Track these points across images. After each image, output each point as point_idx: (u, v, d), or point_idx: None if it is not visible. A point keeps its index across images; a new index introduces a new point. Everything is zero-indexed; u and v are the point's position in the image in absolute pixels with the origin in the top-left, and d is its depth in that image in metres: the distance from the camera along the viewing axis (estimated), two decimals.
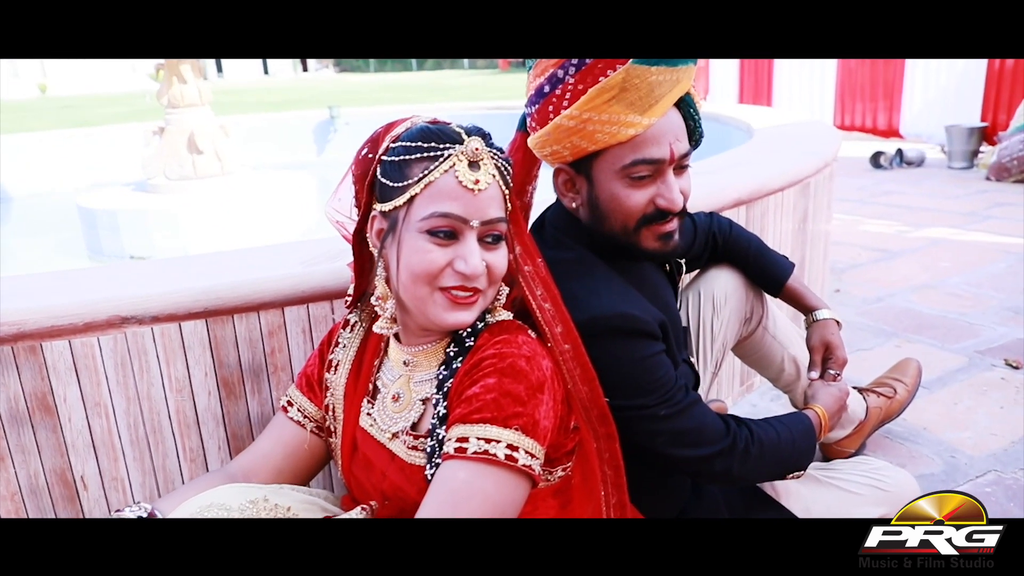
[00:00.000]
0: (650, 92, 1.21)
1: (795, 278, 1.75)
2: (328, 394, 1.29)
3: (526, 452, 1.04)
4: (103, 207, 3.84)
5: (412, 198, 1.08)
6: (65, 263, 4.15)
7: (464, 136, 1.10)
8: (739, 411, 2.34)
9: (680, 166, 1.28)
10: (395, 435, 1.18)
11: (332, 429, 1.29)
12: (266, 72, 55.23)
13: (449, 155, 1.07)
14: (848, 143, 8.06)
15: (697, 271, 1.83)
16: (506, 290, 1.22)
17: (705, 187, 2.09)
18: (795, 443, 1.42)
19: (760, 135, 3.25)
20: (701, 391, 1.77)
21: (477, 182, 1.07)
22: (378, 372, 1.25)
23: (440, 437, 1.09)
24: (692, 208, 1.88)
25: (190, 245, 3.71)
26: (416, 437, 1.15)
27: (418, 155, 1.08)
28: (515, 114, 1.43)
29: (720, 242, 1.75)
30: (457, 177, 1.06)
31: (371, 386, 1.24)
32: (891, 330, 2.94)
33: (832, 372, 1.64)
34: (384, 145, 1.13)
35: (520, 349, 1.10)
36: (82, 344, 1.41)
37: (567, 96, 1.24)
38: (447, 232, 1.07)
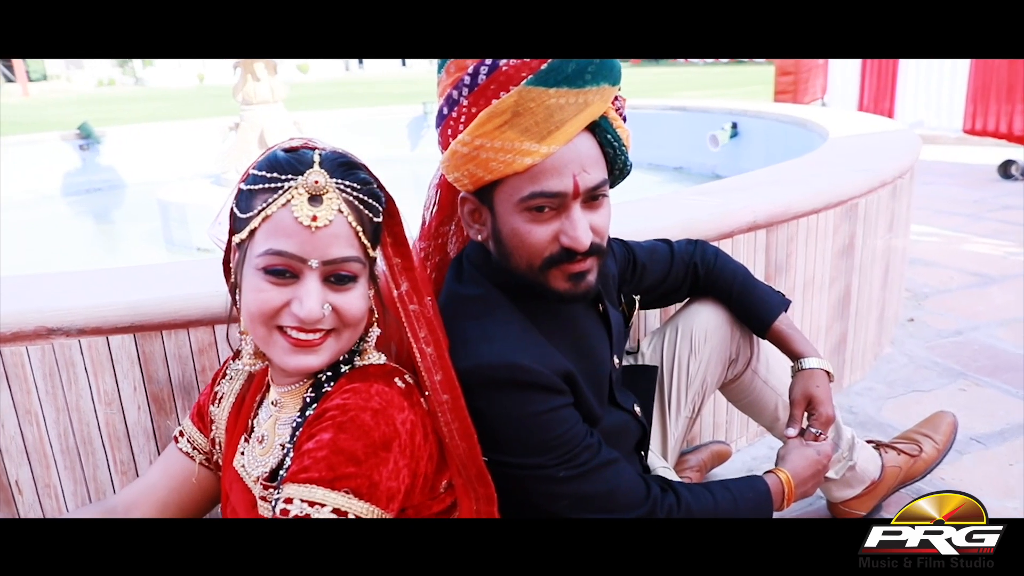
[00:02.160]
0: (548, 117, 1.08)
1: (784, 319, 1.55)
2: (213, 427, 1.23)
3: (356, 517, 0.95)
4: (175, 200, 4.00)
5: (252, 232, 1.01)
6: (145, 254, 4.35)
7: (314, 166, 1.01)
8: (756, 454, 2.14)
9: (591, 198, 1.14)
10: (257, 479, 1.11)
11: (220, 464, 1.24)
12: (403, 63, 56.68)
13: (288, 188, 0.98)
14: (977, 149, 7.40)
15: (683, 304, 1.67)
16: (376, 331, 1.12)
17: (712, 209, 1.91)
18: (738, 514, 1.25)
19: (828, 146, 2.98)
20: (672, 438, 1.62)
21: (315, 218, 0.98)
22: (257, 409, 1.19)
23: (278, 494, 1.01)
24: (684, 234, 1.72)
25: None
26: (267, 487, 1.08)
27: (261, 185, 1.00)
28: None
29: (702, 274, 1.58)
30: (293, 212, 0.98)
31: (249, 423, 1.18)
32: (960, 369, 2.61)
33: (814, 431, 1.44)
34: (246, 171, 1.06)
35: (369, 401, 1.00)
36: (11, 353, 1.42)
37: (462, 120, 1.13)
38: (282, 271, 0.99)
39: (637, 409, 1.42)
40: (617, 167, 1.18)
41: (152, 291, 1.46)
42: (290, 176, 0.99)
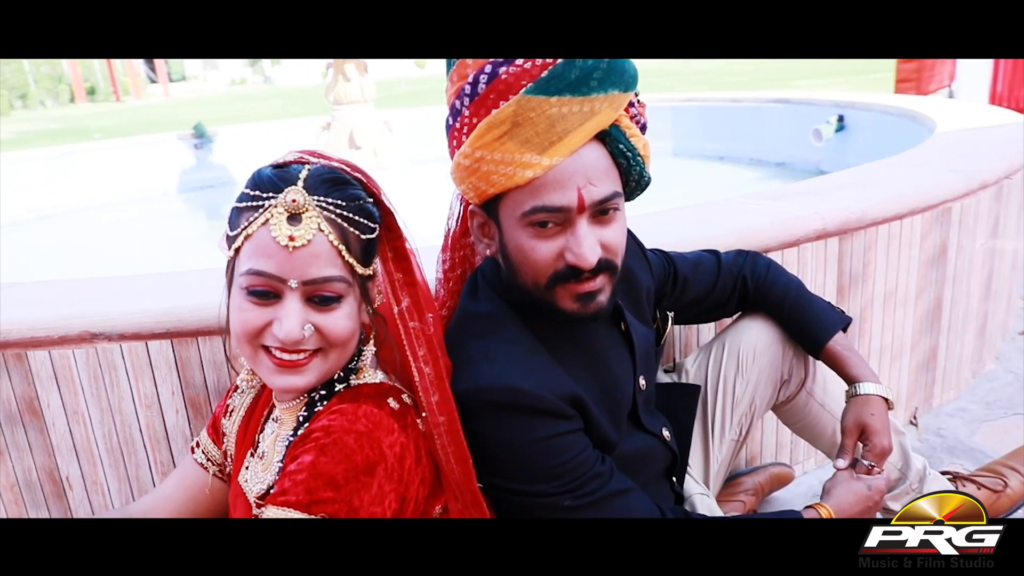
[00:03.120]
0: (550, 127, 1.02)
1: (841, 339, 1.42)
2: (225, 440, 1.24)
3: None
4: None
5: (237, 251, 1.00)
6: None
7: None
8: (824, 477, 1.99)
9: (600, 212, 1.07)
10: (256, 496, 1.11)
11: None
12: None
13: (268, 206, 0.97)
14: None
15: (732, 320, 1.57)
16: (371, 350, 1.10)
17: (774, 216, 1.79)
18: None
19: (926, 144, 2.75)
20: (715, 462, 1.53)
21: (292, 238, 0.95)
22: (263, 424, 1.18)
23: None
24: (740, 243, 1.61)
25: None
26: (259, 505, 1.07)
27: (245, 204, 0.99)
28: (704, 107, 1.27)
29: (751, 287, 1.48)
30: (271, 232, 0.96)
31: (256, 438, 1.18)
32: None
33: (866, 463, 1.32)
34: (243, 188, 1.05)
35: (355, 423, 0.98)
36: (60, 355, 1.48)
37: (464, 131, 1.09)
38: (263, 292, 0.97)
39: (666, 433, 1.34)
40: (632, 179, 1.11)
41: (188, 298, 1.49)
42: (271, 194, 0.97)
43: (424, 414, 1.07)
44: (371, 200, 1.06)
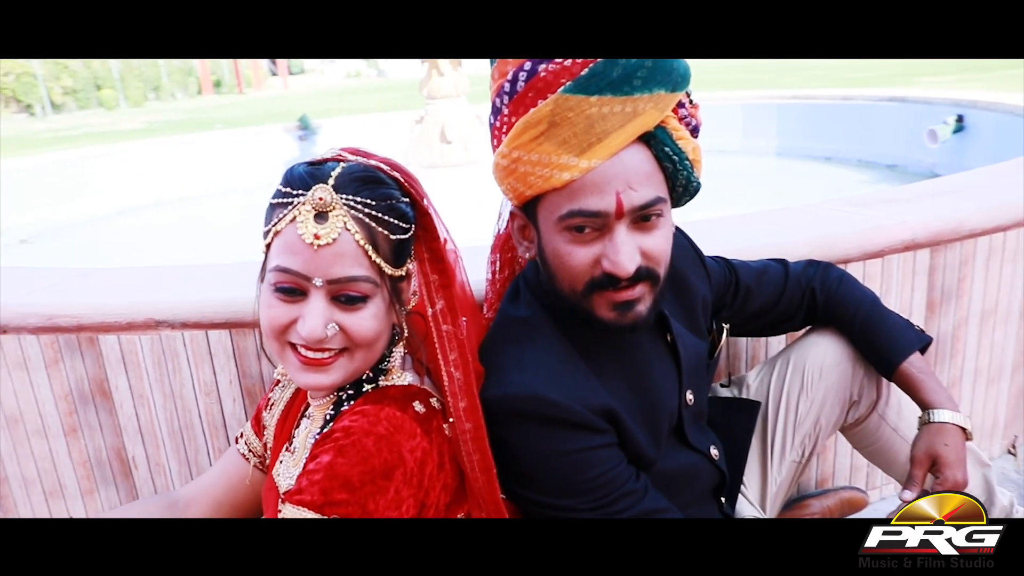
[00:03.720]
0: (589, 128, 0.97)
1: (917, 361, 1.31)
2: (265, 432, 1.26)
3: None
4: None
5: (268, 247, 1.00)
6: None
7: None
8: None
9: (641, 218, 1.01)
10: (284, 492, 1.11)
11: None
12: None
13: (296, 204, 0.96)
14: None
15: (800, 335, 1.47)
16: (399, 351, 1.08)
17: (856, 224, 1.67)
18: None
19: None
20: (773, 482, 1.45)
21: (317, 236, 0.95)
22: (300, 420, 1.19)
23: None
24: (817, 252, 1.52)
25: None
26: (283, 500, 1.08)
27: (278, 200, 0.99)
28: (812, 105, 1.25)
29: (821, 300, 1.38)
30: (298, 229, 0.95)
31: (292, 433, 1.19)
32: None
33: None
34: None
35: (376, 426, 0.96)
36: (127, 341, 1.54)
37: (504, 129, 1.05)
38: (290, 289, 0.97)
39: (714, 451, 1.27)
40: (679, 184, 1.05)
41: (248, 290, 1.51)
42: (300, 192, 0.97)
43: (451, 419, 1.04)
44: (406, 200, 1.04)
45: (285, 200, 0.97)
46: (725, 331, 1.33)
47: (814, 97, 5.76)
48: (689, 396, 1.23)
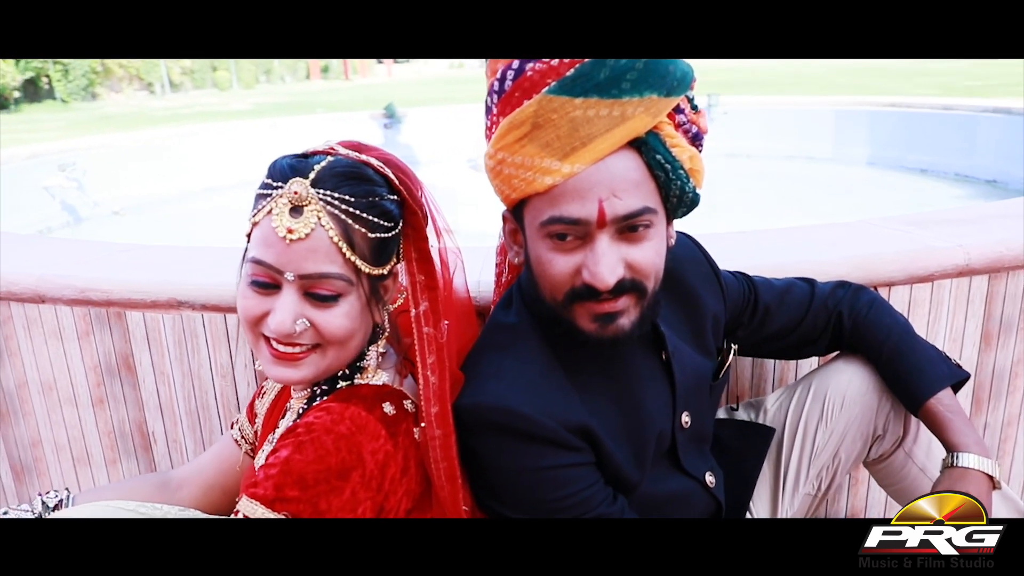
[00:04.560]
0: (573, 131, 0.93)
1: (947, 397, 1.21)
2: (256, 420, 1.26)
3: None
4: (431, 180, 4.23)
5: (248, 236, 0.99)
6: None
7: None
8: None
9: (628, 229, 0.96)
10: None
11: None
12: None
13: (274, 196, 0.95)
14: None
15: (826, 360, 1.38)
16: (376, 350, 1.06)
17: (902, 245, 1.55)
18: None
19: None
20: (784, 515, 1.37)
21: (291, 231, 0.93)
22: (286, 410, 1.18)
23: None
24: (854, 273, 1.43)
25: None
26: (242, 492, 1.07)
27: (260, 191, 0.99)
28: (909, 113, 1.23)
29: (848, 325, 1.29)
30: (272, 222, 0.94)
31: (278, 423, 1.18)
32: None
33: None
34: None
35: (337, 424, 0.95)
36: (151, 318, 1.58)
37: (492, 129, 1.02)
38: (263, 282, 0.96)
39: (710, 478, 1.20)
40: (672, 194, 0.99)
41: None
42: (279, 184, 0.96)
43: (422, 425, 1.02)
44: (392, 198, 1.02)
45: (266, 192, 0.97)
46: (733, 351, 1.26)
47: (912, 105, 5.46)
48: (685, 418, 1.17)
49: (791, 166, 5.82)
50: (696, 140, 1.02)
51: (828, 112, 5.85)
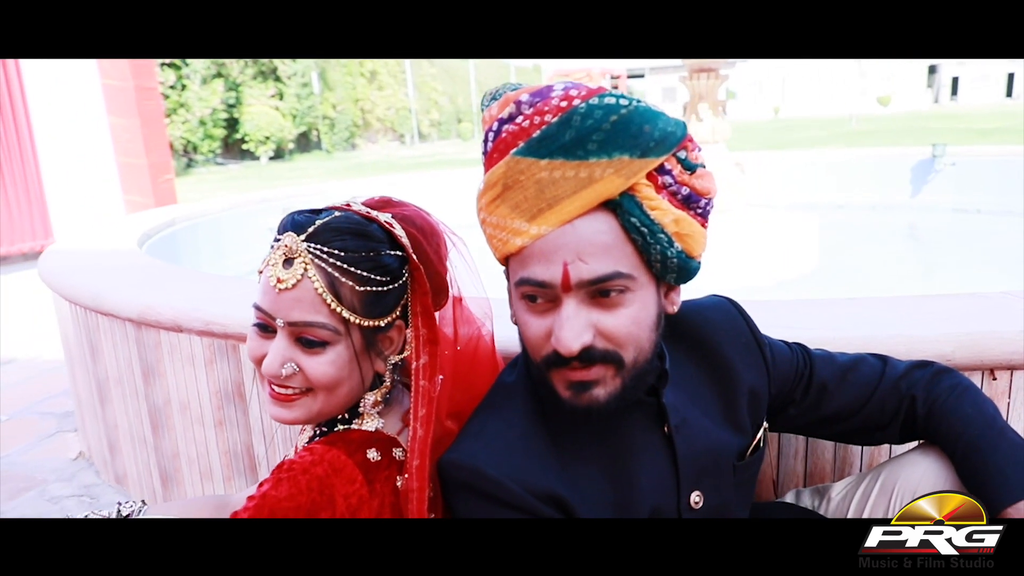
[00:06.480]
0: (539, 193, 0.91)
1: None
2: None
3: None
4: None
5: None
6: None
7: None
8: None
9: (600, 293, 0.92)
10: None
11: None
12: (1009, 95, 49.02)
13: (275, 248, 1.03)
14: None
15: (907, 451, 1.21)
16: (371, 396, 1.09)
17: (998, 321, 1.32)
18: None
19: None
20: None
21: (280, 280, 1.01)
22: None
23: None
24: (938, 354, 1.25)
25: None
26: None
27: (271, 243, 1.07)
28: None
29: (921, 413, 1.13)
30: (267, 272, 1.02)
31: None
32: None
33: None
34: None
35: (316, 465, 0.99)
36: None
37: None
38: (262, 325, 1.04)
39: None
40: (654, 259, 0.93)
41: None
42: (279, 237, 1.04)
43: (405, 476, 1.04)
44: (394, 253, 1.06)
45: (272, 243, 1.05)
46: (763, 430, 1.14)
47: None
48: (695, 498, 1.07)
49: (969, 221, 5.21)
50: (689, 201, 0.96)
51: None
